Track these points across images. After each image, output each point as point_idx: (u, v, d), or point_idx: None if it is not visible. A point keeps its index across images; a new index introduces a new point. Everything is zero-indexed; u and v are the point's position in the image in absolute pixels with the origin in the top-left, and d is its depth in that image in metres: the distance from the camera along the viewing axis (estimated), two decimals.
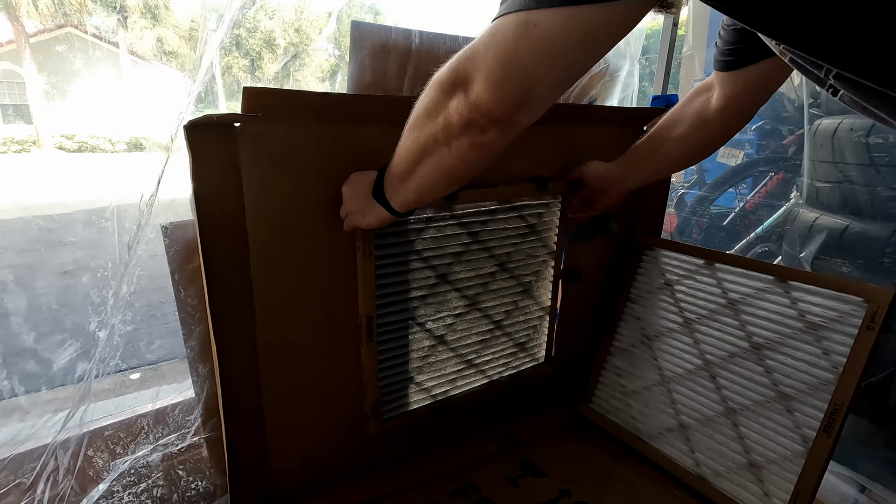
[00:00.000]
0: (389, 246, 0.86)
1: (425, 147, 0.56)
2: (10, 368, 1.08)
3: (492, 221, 0.96)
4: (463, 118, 0.50)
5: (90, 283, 0.77)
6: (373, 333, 0.87)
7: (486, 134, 0.50)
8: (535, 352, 1.13)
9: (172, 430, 0.89)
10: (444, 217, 0.90)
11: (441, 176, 0.58)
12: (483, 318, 1.02)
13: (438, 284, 0.93)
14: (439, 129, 0.53)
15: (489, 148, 0.52)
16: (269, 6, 2.01)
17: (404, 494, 0.95)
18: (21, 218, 2.69)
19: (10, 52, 3.33)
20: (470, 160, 0.54)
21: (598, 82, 1.12)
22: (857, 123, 1.21)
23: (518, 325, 1.08)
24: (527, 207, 1.00)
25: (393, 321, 0.90)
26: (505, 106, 0.47)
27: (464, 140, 0.52)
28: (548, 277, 1.08)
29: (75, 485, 0.80)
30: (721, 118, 0.81)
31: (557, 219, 1.05)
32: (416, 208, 0.73)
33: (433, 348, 0.97)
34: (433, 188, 0.62)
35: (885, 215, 1.16)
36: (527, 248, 1.03)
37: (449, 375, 1.01)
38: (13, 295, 1.80)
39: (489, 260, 0.98)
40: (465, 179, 0.59)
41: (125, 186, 0.76)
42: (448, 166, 0.56)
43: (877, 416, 1.08)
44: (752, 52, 0.70)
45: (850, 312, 0.84)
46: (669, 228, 2.20)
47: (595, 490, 0.97)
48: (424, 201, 0.68)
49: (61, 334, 0.82)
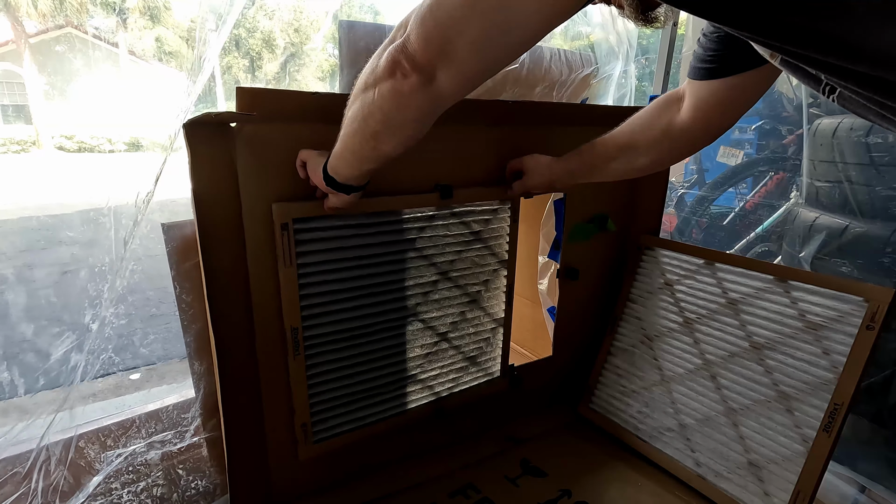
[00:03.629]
0: (315, 253, 0.80)
1: (356, 94, 0.56)
2: (9, 361, 1.08)
3: (430, 227, 0.90)
4: (390, 57, 0.50)
5: (87, 279, 0.77)
6: (299, 347, 0.81)
7: (406, 80, 0.50)
8: (489, 366, 1.07)
9: (168, 426, 0.89)
10: (378, 223, 0.85)
11: (358, 126, 0.57)
12: (426, 330, 0.95)
13: (374, 294, 0.87)
14: (371, 71, 0.54)
15: (405, 100, 0.52)
16: (268, 6, 2.01)
17: (404, 494, 0.95)
18: (22, 218, 2.69)
19: (10, 52, 3.33)
20: (386, 109, 0.53)
21: (589, 83, 1.12)
22: (856, 123, 1.21)
23: (468, 338, 1.01)
24: (469, 213, 0.94)
25: (323, 333, 0.84)
26: (428, 52, 0.48)
27: (386, 85, 0.52)
28: (500, 287, 1.03)
29: (69, 476, 0.80)
30: (691, 131, 0.77)
31: (508, 226, 0.99)
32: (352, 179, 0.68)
33: (372, 362, 0.90)
34: (352, 145, 0.60)
35: (885, 215, 1.16)
36: (472, 256, 0.97)
37: (390, 391, 0.94)
38: (13, 293, 1.81)
39: (429, 268, 0.92)
40: (380, 141, 0.57)
41: (124, 186, 0.76)
42: (366, 113, 0.55)
43: (877, 416, 1.08)
44: (734, 61, 0.68)
45: (850, 312, 0.84)
46: (669, 228, 2.20)
47: (595, 490, 0.97)
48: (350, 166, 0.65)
49: (59, 327, 0.82)
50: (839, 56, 0.42)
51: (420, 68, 0.49)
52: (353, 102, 0.57)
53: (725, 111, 0.74)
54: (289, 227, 0.76)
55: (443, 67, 0.49)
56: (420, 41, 0.48)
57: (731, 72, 0.69)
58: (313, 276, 0.81)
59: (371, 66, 0.55)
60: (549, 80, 1.03)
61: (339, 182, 0.67)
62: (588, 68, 1.08)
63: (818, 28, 0.41)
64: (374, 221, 0.84)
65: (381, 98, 0.53)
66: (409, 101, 0.52)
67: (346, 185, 0.68)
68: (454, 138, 0.90)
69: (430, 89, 0.51)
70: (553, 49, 1.04)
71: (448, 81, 0.50)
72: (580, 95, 1.13)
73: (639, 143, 0.82)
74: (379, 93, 0.53)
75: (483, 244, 0.98)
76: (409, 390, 0.97)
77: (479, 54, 0.49)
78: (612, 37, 1.17)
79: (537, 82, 1.02)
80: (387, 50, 0.52)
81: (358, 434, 0.92)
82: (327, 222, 0.80)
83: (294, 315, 0.80)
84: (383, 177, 0.81)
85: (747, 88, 0.70)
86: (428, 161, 0.88)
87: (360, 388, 0.90)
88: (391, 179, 0.84)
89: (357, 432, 0.92)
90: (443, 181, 0.89)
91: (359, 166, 0.64)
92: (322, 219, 0.79)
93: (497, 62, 0.51)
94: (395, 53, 0.50)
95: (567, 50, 1.08)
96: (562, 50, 1.06)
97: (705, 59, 0.70)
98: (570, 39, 1.25)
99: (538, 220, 1.20)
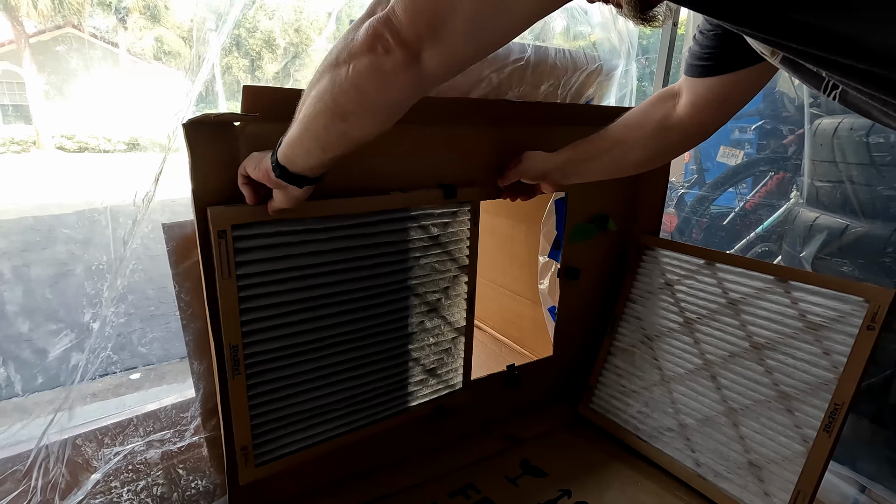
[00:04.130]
0: (259, 262, 0.73)
1: (323, 70, 0.50)
2: (6, 359, 1.09)
3: (385, 233, 0.84)
4: (371, 29, 0.45)
5: (85, 277, 0.77)
6: (239, 366, 0.74)
7: (388, 56, 0.45)
8: (450, 378, 1.00)
9: (167, 426, 0.89)
10: (328, 228, 0.78)
11: (325, 105, 0.51)
12: (382, 342, 0.88)
13: (325, 305, 0.80)
14: (345, 46, 0.48)
15: (386, 79, 0.47)
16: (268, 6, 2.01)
17: (404, 494, 0.95)
18: (22, 218, 2.69)
19: (10, 52, 3.33)
20: (363, 87, 0.48)
21: (594, 80, 1.12)
22: (857, 123, 1.21)
23: (427, 349, 0.95)
24: (427, 217, 0.87)
25: (267, 349, 0.77)
26: (415, 26, 0.44)
27: (363, 60, 0.46)
28: (461, 294, 0.96)
29: (68, 474, 0.80)
30: (686, 127, 0.77)
31: (468, 229, 0.93)
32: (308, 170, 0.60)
33: (322, 378, 0.83)
34: (315, 127, 0.53)
35: (886, 215, 1.16)
36: (431, 262, 0.90)
37: (341, 409, 0.87)
38: (12, 293, 1.81)
39: (385, 276, 0.85)
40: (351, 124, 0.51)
41: (123, 186, 0.76)
42: (337, 91, 0.49)
43: (877, 416, 1.08)
44: (731, 59, 0.67)
45: (850, 312, 0.84)
46: (669, 228, 2.20)
47: (595, 490, 0.97)
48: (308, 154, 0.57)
49: (56, 324, 0.82)
50: (844, 53, 0.41)
51: (405, 44, 0.45)
52: (320, 79, 0.51)
53: (721, 108, 0.74)
54: (227, 234, 0.68)
55: (430, 46, 0.45)
56: (407, 14, 0.44)
57: (727, 69, 0.68)
58: (257, 287, 0.74)
59: (345, 40, 0.48)
60: (555, 77, 1.03)
61: (291, 173, 0.59)
62: (593, 65, 1.08)
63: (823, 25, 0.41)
64: (325, 227, 0.77)
65: (356, 75, 0.47)
66: (389, 80, 0.47)
67: (299, 176, 0.60)
68: (458, 137, 0.90)
69: (413, 70, 0.46)
70: (558, 47, 1.04)
71: (434, 62, 0.46)
72: (585, 93, 1.12)
73: (633, 137, 0.82)
74: (354, 69, 0.47)
75: (442, 249, 0.91)
76: (365, 406, 0.90)
77: (470, 35, 0.45)
78: (614, 36, 1.17)
79: (542, 80, 1.02)
80: (366, 22, 0.47)
81: (306, 454, 0.85)
82: (272, 227, 0.72)
83: (233, 331, 0.73)
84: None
85: (743, 86, 0.70)
86: (432, 160, 0.88)
87: (311, 405, 0.83)
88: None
89: (304, 452, 0.85)
90: (446, 180, 0.89)
91: (320, 154, 0.56)
92: (266, 224, 0.72)
93: (487, 46, 0.48)
94: (378, 26, 0.45)
95: (571, 49, 1.08)
96: (566, 49, 1.06)
97: (702, 56, 0.70)
98: (571, 39, 1.25)
99: (538, 220, 1.20)
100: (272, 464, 0.82)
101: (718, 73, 0.69)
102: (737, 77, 0.68)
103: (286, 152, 0.58)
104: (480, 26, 0.45)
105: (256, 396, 0.78)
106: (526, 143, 0.97)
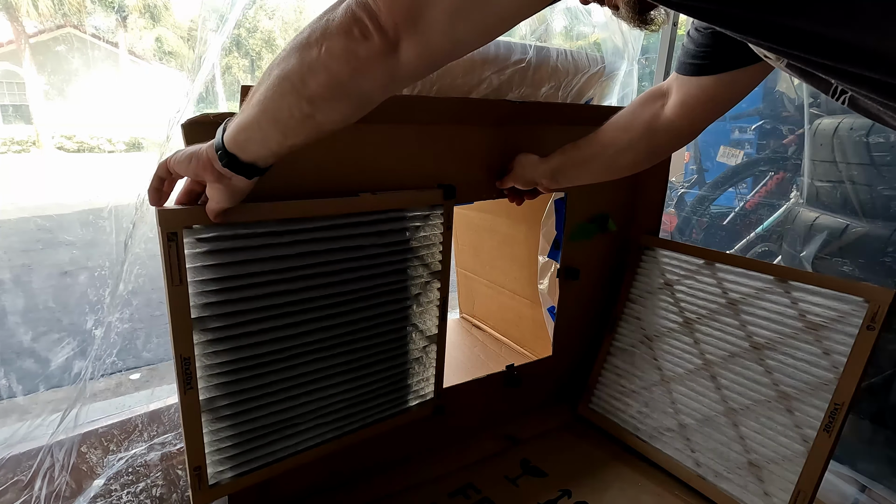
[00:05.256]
0: (214, 268, 0.67)
1: (292, 49, 0.47)
2: (7, 367, 1.08)
3: (352, 237, 0.79)
4: (349, 11, 0.43)
5: (88, 283, 0.76)
6: (192, 379, 0.68)
7: (365, 42, 0.43)
8: (421, 387, 0.97)
9: (169, 428, 0.89)
10: (292, 231, 0.72)
11: (292, 86, 0.47)
12: (349, 352, 0.84)
13: (286, 314, 0.75)
14: (319, 27, 0.46)
15: (360, 64, 0.44)
16: (268, 6, 2.00)
17: (404, 494, 0.95)
18: (21, 219, 2.69)
19: (10, 52, 3.32)
20: (335, 70, 0.45)
21: (596, 82, 1.12)
22: (857, 123, 1.21)
23: (397, 359, 0.91)
24: (397, 221, 0.83)
25: (224, 361, 0.71)
26: (395, 13, 0.42)
27: (338, 43, 0.44)
28: (433, 301, 0.92)
29: (71, 481, 0.80)
30: (676, 128, 0.75)
31: (440, 233, 0.89)
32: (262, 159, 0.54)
33: (284, 391, 0.78)
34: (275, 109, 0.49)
35: (886, 215, 1.16)
36: (401, 267, 0.86)
37: (305, 423, 0.82)
38: (11, 294, 1.80)
39: (352, 282, 0.80)
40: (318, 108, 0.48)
41: (123, 186, 0.75)
42: (306, 71, 0.46)
43: (877, 416, 1.08)
44: (727, 58, 0.66)
45: (850, 312, 0.84)
46: (669, 228, 2.19)
47: (595, 490, 0.97)
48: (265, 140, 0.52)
49: (58, 333, 0.81)
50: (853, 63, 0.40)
51: (383, 31, 0.43)
52: (287, 58, 0.47)
53: (713, 107, 0.73)
54: (178, 237, 0.63)
55: (409, 36, 0.43)
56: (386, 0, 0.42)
57: (722, 69, 0.67)
58: (213, 295, 0.68)
59: (320, 22, 0.46)
60: (556, 79, 1.03)
61: (241, 161, 0.54)
62: (595, 67, 1.08)
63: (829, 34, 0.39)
64: (288, 229, 0.72)
65: (329, 57, 0.45)
66: (363, 66, 0.45)
67: (250, 165, 0.54)
68: (458, 137, 0.90)
69: (389, 60, 0.44)
70: (559, 48, 1.04)
71: (411, 54, 0.44)
72: (585, 95, 1.12)
73: (621, 140, 0.81)
74: (327, 50, 0.45)
75: (413, 254, 0.87)
76: (331, 420, 0.85)
77: (451, 28, 0.43)
78: (617, 36, 1.17)
79: (543, 82, 1.02)
80: (343, 3, 0.45)
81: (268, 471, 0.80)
82: (230, 230, 0.67)
83: (185, 343, 0.67)
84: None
85: (737, 85, 0.69)
86: (431, 160, 0.88)
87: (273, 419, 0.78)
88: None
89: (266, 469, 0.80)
90: (446, 181, 0.89)
91: (280, 139, 0.51)
92: (223, 227, 0.66)
93: (465, 43, 0.46)
94: (356, 9, 0.43)
95: (573, 50, 1.07)
96: (568, 49, 1.06)
97: (696, 54, 0.68)
98: (573, 39, 1.25)
99: (538, 220, 1.20)
100: (230, 483, 0.77)
101: (713, 73, 0.68)
102: (732, 77, 0.67)
103: (237, 138, 0.53)
104: (462, 19, 0.43)
105: (212, 412, 0.72)
106: (521, 144, 0.97)
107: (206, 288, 0.68)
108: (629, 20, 0.57)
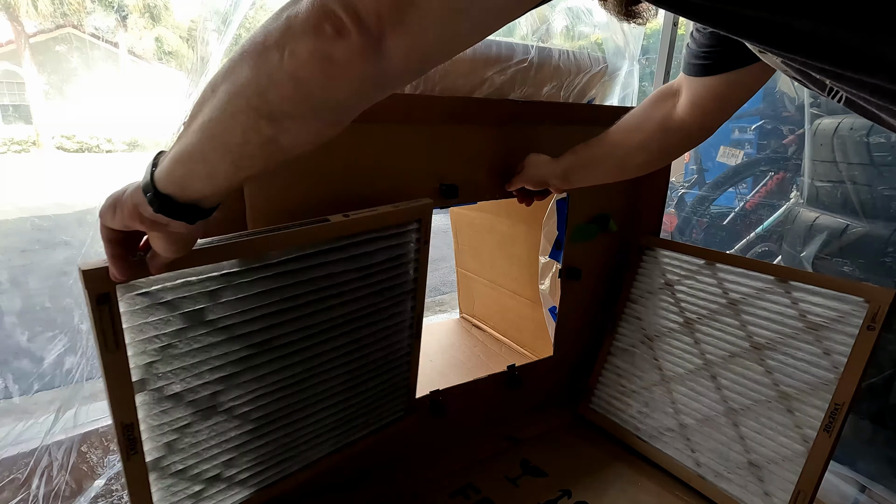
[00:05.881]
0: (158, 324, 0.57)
1: (243, 55, 0.37)
2: (4, 368, 1.08)
3: (321, 266, 0.70)
4: (318, 5, 0.34)
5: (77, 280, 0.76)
6: (136, 444, 0.59)
7: (340, 40, 0.34)
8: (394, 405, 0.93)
9: None
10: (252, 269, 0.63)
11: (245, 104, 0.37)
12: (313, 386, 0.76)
13: (245, 358, 0.66)
14: (279, 24, 0.36)
15: (334, 72, 0.35)
16: (269, 7, 2.01)
17: (404, 495, 0.95)
18: (20, 219, 2.69)
19: (10, 52, 3.32)
20: (303, 78, 0.35)
21: (598, 82, 1.12)
22: (857, 123, 1.21)
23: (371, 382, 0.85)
24: (369, 243, 0.75)
25: (174, 419, 0.63)
26: (379, 5, 0.33)
27: (306, 43, 0.34)
28: (405, 321, 0.86)
29: (71, 481, 0.80)
30: (688, 127, 0.75)
31: (414, 250, 0.81)
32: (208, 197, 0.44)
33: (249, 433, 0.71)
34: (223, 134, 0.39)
35: (887, 215, 1.16)
36: (373, 290, 0.78)
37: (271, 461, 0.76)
38: (8, 295, 1.80)
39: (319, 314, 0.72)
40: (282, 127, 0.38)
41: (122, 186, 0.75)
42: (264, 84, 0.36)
43: (877, 416, 1.08)
44: (730, 57, 0.66)
45: (850, 312, 0.84)
46: (669, 228, 2.19)
47: (595, 490, 0.97)
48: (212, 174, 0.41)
49: (52, 331, 0.81)
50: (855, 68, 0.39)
51: (363, 26, 0.33)
52: (237, 68, 0.37)
53: (722, 106, 0.73)
54: (111, 298, 0.51)
55: (395, 31, 0.34)
56: None
57: (726, 68, 0.67)
58: (158, 352, 0.58)
59: (279, 19, 0.36)
60: (558, 79, 1.03)
61: (178, 203, 0.43)
62: (596, 67, 1.08)
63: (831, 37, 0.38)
64: (247, 268, 0.62)
65: (294, 63, 0.35)
66: (339, 72, 0.35)
67: (190, 206, 0.43)
68: (460, 137, 0.90)
69: (373, 61, 0.35)
70: (561, 48, 1.04)
71: (398, 52, 0.35)
72: (587, 95, 1.13)
73: (634, 140, 0.81)
74: (292, 55, 0.35)
75: (385, 275, 0.79)
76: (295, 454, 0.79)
77: (443, 23, 0.35)
78: (618, 36, 1.17)
79: (545, 82, 1.02)
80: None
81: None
82: (176, 280, 0.57)
83: (125, 410, 0.57)
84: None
85: (744, 84, 0.69)
86: (433, 160, 0.88)
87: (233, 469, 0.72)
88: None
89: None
90: (447, 181, 0.89)
91: (230, 172, 0.41)
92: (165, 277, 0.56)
93: (457, 41, 0.39)
94: (327, 1, 0.34)
95: (575, 50, 1.08)
96: (570, 49, 1.06)
97: (699, 54, 0.68)
98: (574, 39, 1.25)
99: (538, 220, 1.20)
100: None
101: (718, 72, 0.68)
102: (737, 75, 0.67)
103: (173, 175, 0.42)
104: (456, 13, 0.35)
105: (162, 470, 0.64)
106: (524, 144, 0.97)
107: (149, 347, 0.57)
108: (615, 12, 0.56)
